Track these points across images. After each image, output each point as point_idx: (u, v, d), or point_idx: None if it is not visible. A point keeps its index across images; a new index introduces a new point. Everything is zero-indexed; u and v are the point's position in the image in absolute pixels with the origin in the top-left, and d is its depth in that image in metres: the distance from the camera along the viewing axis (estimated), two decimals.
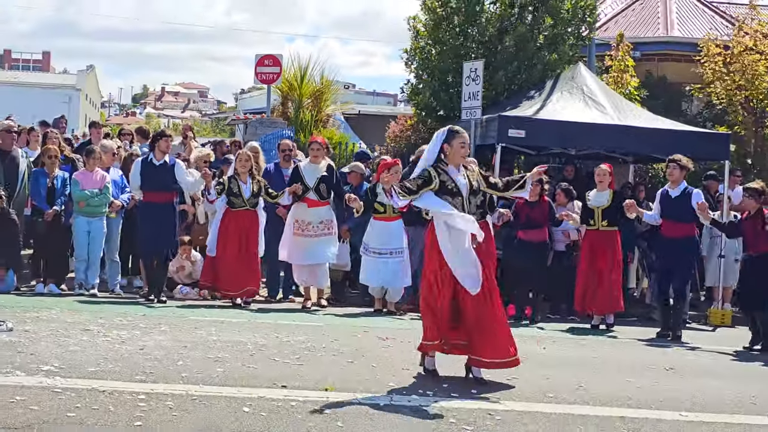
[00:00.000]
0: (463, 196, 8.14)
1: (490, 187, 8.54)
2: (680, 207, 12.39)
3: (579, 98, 16.14)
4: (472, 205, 8.20)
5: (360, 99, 46.92)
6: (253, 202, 12.91)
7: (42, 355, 8.04)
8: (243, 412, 6.52)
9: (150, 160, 12.85)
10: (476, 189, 8.24)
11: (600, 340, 11.93)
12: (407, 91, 19.50)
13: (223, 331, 10.16)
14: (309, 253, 13.03)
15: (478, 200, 8.29)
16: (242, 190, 12.83)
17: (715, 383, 9.08)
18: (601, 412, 7.35)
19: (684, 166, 12.58)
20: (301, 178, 13.06)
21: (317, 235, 13.05)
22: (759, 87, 18.79)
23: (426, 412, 6.95)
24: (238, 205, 12.82)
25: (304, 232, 13.03)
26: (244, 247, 12.81)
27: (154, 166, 12.78)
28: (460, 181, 8.19)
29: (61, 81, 70.76)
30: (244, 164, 12.91)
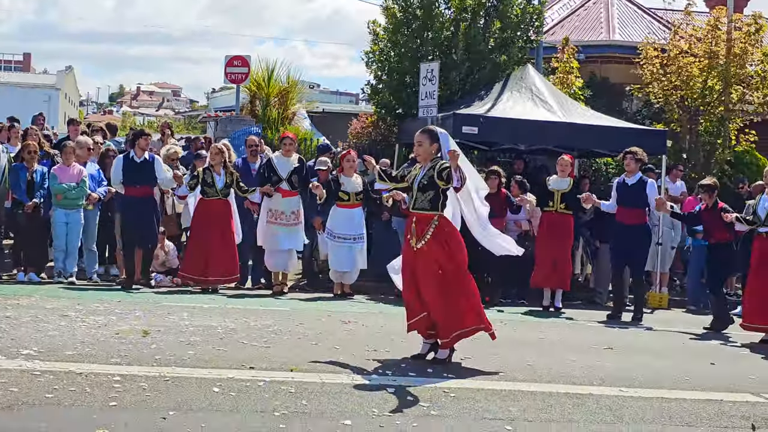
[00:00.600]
0: (413, 190, 8.33)
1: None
2: (636, 195, 12.64)
3: (528, 97, 16.20)
4: (420, 200, 8.31)
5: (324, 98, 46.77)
6: (225, 192, 12.94)
7: (22, 339, 7.94)
8: (213, 392, 6.47)
9: (131, 157, 12.80)
10: (426, 185, 8.26)
11: (548, 322, 12.00)
12: (368, 91, 19.45)
13: (195, 316, 10.09)
14: (283, 240, 13.08)
15: (429, 195, 8.30)
16: (215, 180, 12.86)
17: (652, 361, 9.14)
18: (548, 389, 7.38)
19: (639, 159, 12.81)
20: (274, 170, 13.10)
21: (289, 224, 13.10)
22: (693, 87, 18.90)
23: (385, 390, 6.94)
24: (211, 194, 12.85)
25: (278, 221, 13.09)
26: (219, 234, 12.77)
27: (136, 163, 12.76)
28: (417, 177, 8.34)
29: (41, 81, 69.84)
30: (214, 157, 12.96)
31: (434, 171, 8.20)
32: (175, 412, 5.85)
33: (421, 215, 8.27)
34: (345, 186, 13.14)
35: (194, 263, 12.79)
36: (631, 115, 21.44)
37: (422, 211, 8.27)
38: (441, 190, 8.19)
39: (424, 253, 8.16)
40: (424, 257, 8.16)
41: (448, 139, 8.41)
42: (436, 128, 8.58)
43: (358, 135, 19.77)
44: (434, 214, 8.22)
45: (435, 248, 8.14)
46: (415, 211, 8.34)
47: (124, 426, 5.44)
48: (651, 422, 6.52)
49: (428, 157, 8.31)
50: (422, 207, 8.28)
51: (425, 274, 8.14)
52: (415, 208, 8.35)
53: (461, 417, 6.29)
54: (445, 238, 8.18)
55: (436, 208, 8.24)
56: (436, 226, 8.18)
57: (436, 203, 8.24)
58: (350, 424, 5.86)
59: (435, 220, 8.20)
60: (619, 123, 16.56)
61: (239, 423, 5.69)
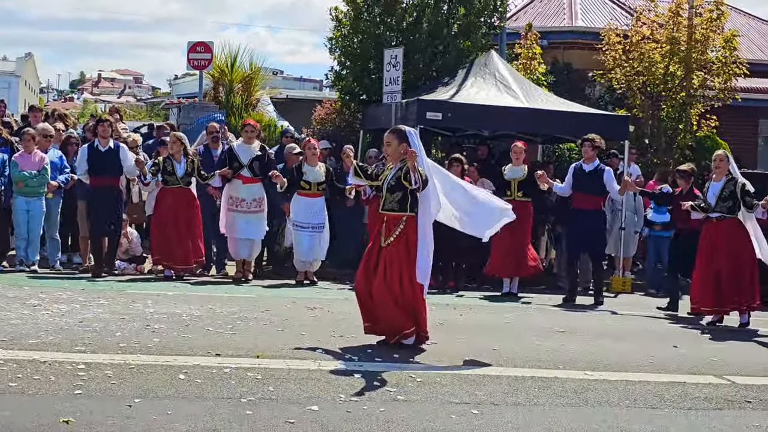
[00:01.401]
0: (382, 191, 8.40)
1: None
2: (592, 181, 12.66)
3: (492, 83, 16.23)
4: (389, 201, 8.33)
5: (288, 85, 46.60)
6: (186, 180, 12.83)
7: None
8: (179, 379, 6.43)
9: (96, 146, 12.67)
10: (393, 186, 8.29)
11: (512, 307, 12.05)
12: (332, 77, 19.39)
13: (160, 303, 10.02)
14: (243, 229, 13.02)
15: (397, 196, 8.31)
16: (176, 168, 12.74)
17: (616, 345, 9.22)
18: (513, 373, 7.42)
19: (597, 146, 12.89)
20: (236, 157, 13.03)
21: (250, 211, 13.02)
22: (655, 73, 19.05)
23: (352, 375, 6.94)
24: (172, 182, 12.75)
25: (238, 208, 13.01)
26: (182, 222, 12.68)
27: (101, 152, 12.67)
28: (387, 177, 8.39)
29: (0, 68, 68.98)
30: (173, 145, 12.88)
31: (401, 172, 8.22)
32: (140, 399, 5.81)
33: (390, 216, 8.30)
34: (307, 175, 13.03)
35: (162, 250, 12.69)
36: (594, 101, 21.55)
37: (391, 211, 8.30)
38: (409, 191, 8.21)
39: (389, 251, 8.19)
40: (389, 255, 8.18)
41: (416, 138, 8.41)
42: (405, 128, 8.56)
43: (322, 121, 19.74)
44: (402, 215, 8.25)
45: (400, 249, 8.17)
46: (384, 212, 8.37)
47: (90, 414, 5.39)
48: (616, 405, 6.57)
49: (397, 157, 8.30)
50: (391, 208, 8.31)
51: (387, 271, 8.16)
52: (385, 208, 8.38)
53: (428, 402, 6.30)
54: (410, 242, 8.20)
55: (404, 209, 8.25)
56: (403, 228, 8.22)
57: (404, 204, 8.26)
58: (317, 409, 5.85)
59: (403, 220, 8.24)
60: (583, 109, 16.66)
61: (206, 410, 5.66)
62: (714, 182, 11.40)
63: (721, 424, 6.19)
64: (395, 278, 8.12)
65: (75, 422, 5.21)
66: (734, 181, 11.20)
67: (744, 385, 7.52)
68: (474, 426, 5.71)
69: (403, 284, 8.13)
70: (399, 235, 8.19)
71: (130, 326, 8.39)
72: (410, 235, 8.20)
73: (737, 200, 11.11)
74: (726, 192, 11.17)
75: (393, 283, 8.11)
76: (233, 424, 5.41)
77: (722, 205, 11.19)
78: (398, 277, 8.13)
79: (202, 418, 5.49)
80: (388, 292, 8.09)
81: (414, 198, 8.25)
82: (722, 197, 11.19)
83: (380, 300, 8.12)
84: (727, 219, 11.19)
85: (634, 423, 6.07)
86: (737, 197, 11.10)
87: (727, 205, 11.17)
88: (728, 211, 11.17)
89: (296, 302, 10.92)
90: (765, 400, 7.07)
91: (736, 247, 11.17)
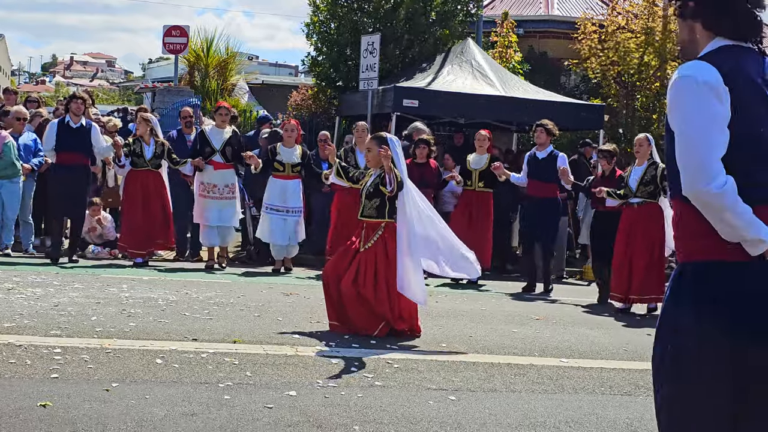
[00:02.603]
0: (361, 197, 8.44)
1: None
2: (546, 168, 12.38)
3: (468, 71, 16.26)
4: (367, 208, 8.36)
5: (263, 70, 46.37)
6: (155, 163, 12.66)
7: None
8: (156, 363, 6.41)
9: (67, 122, 12.48)
10: (371, 192, 8.32)
11: (486, 295, 12.07)
12: (308, 63, 19.35)
13: (135, 288, 9.97)
14: (215, 215, 12.81)
15: (375, 203, 8.33)
16: (144, 151, 12.58)
17: (591, 333, 9.28)
18: (489, 359, 7.45)
19: (550, 131, 12.52)
20: (208, 142, 12.83)
21: (222, 197, 12.85)
22: (630, 63, 19.15)
23: (330, 361, 6.95)
24: (140, 165, 12.58)
25: (210, 194, 12.79)
26: (150, 205, 12.57)
27: (71, 129, 12.41)
28: (366, 184, 8.43)
29: None
30: (139, 127, 12.73)
31: (380, 179, 8.24)
32: (118, 384, 5.79)
33: (369, 222, 8.32)
34: (281, 156, 12.72)
35: (130, 235, 12.59)
36: (569, 90, 21.66)
37: (369, 218, 8.32)
38: (387, 197, 8.21)
39: (366, 253, 8.22)
40: (365, 257, 8.20)
41: (397, 145, 8.40)
42: (387, 134, 8.59)
43: (299, 107, 19.67)
44: (381, 221, 8.28)
45: (378, 251, 8.20)
46: (363, 218, 8.39)
47: (67, 398, 5.37)
48: (592, 392, 6.62)
49: (378, 163, 8.30)
50: (369, 215, 8.34)
51: (360, 272, 8.17)
52: (363, 215, 8.40)
53: (405, 387, 6.32)
54: (388, 246, 8.22)
55: (382, 216, 8.28)
56: (381, 233, 8.24)
57: (382, 210, 8.29)
58: (295, 394, 5.85)
59: (381, 227, 8.26)
60: (558, 98, 16.71)
61: (184, 395, 5.65)
62: (636, 167, 11.28)
63: None
64: (369, 280, 8.11)
65: (52, 406, 5.19)
66: (656, 165, 11.09)
67: None
68: (452, 412, 5.74)
69: (378, 287, 8.13)
70: (377, 240, 8.22)
71: (106, 310, 8.35)
72: (389, 240, 8.22)
73: (658, 185, 11.01)
74: (647, 177, 11.07)
75: (366, 286, 8.10)
76: (211, 408, 5.40)
77: (643, 190, 11.08)
78: (372, 279, 8.12)
79: (180, 402, 5.48)
80: (356, 292, 8.08)
81: (392, 205, 8.26)
82: (643, 182, 11.08)
83: (347, 298, 8.13)
84: (648, 204, 11.10)
85: (609, 409, 6.12)
86: (658, 182, 11.02)
87: (648, 190, 11.06)
88: (649, 195, 11.07)
89: (272, 288, 10.90)
90: None
91: (652, 235, 11.05)
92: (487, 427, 5.46)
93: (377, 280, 8.12)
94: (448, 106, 15.58)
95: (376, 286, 8.11)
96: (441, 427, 5.37)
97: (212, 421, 5.16)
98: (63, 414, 5.07)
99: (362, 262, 8.18)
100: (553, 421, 5.70)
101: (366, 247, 8.23)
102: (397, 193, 8.19)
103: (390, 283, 8.12)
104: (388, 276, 8.13)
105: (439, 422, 5.47)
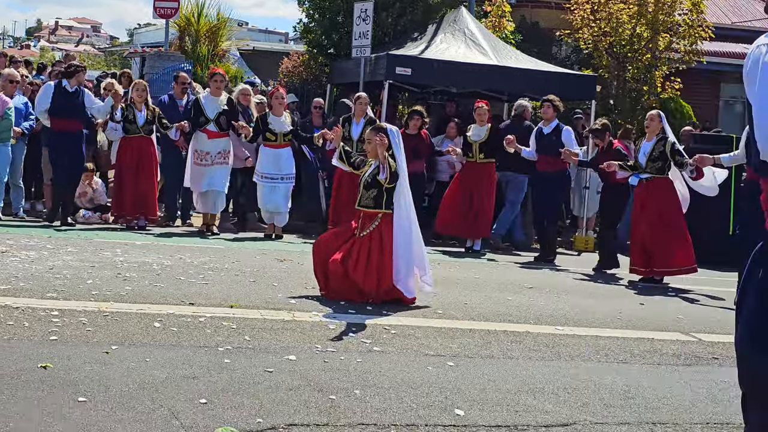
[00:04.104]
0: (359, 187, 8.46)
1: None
2: (552, 142, 12.58)
3: (461, 40, 16.14)
4: (364, 198, 8.36)
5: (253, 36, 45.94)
6: (147, 129, 12.63)
7: None
8: (154, 327, 6.40)
9: (63, 86, 12.36)
10: (369, 183, 8.31)
11: (479, 263, 12.10)
12: (299, 30, 19.22)
13: (129, 252, 9.94)
14: (207, 182, 12.78)
15: (372, 193, 8.32)
16: (137, 117, 12.53)
17: (584, 301, 9.31)
18: (486, 327, 7.47)
19: (556, 106, 12.80)
20: (202, 111, 12.75)
21: (215, 163, 12.80)
22: (622, 34, 19.06)
23: (326, 326, 6.96)
24: (132, 131, 12.55)
25: (203, 162, 12.77)
26: (142, 171, 12.54)
27: (67, 92, 12.33)
28: (364, 174, 8.43)
29: None
30: (141, 93, 12.64)
31: (378, 169, 8.23)
32: (117, 346, 5.78)
33: (366, 212, 8.32)
34: (272, 125, 12.65)
35: (121, 200, 12.57)
36: (560, 61, 21.54)
37: (366, 208, 8.32)
38: (384, 188, 8.19)
39: (361, 239, 8.22)
40: (361, 242, 8.20)
41: (397, 136, 8.36)
42: (387, 126, 8.55)
43: (290, 74, 19.54)
44: (378, 212, 8.27)
45: (373, 238, 8.19)
46: (360, 208, 8.38)
47: (67, 360, 5.35)
48: (587, 359, 6.66)
49: (377, 153, 8.27)
50: (366, 205, 8.34)
51: (352, 253, 8.16)
52: (360, 205, 8.39)
53: (404, 353, 6.33)
54: (384, 235, 8.20)
55: (380, 206, 8.27)
56: (378, 224, 8.23)
57: (380, 201, 8.28)
58: (295, 359, 5.85)
59: (378, 217, 8.26)
60: (551, 67, 16.65)
61: (184, 358, 5.64)
62: (646, 142, 11.42)
63: (691, 379, 6.29)
64: (360, 266, 8.07)
65: (53, 367, 5.18)
66: (665, 140, 11.18)
67: (710, 342, 7.65)
68: (451, 377, 5.76)
69: (368, 272, 8.09)
70: (374, 230, 8.21)
71: (101, 274, 8.32)
72: (385, 230, 8.21)
73: (667, 160, 11.11)
74: (656, 152, 11.16)
75: (356, 270, 8.05)
76: (212, 372, 5.40)
77: (652, 166, 11.18)
78: (364, 265, 8.08)
79: (180, 365, 5.47)
80: (343, 271, 8.05)
81: (389, 196, 8.24)
82: (652, 157, 11.18)
83: (334, 275, 8.12)
84: (657, 179, 11.20)
85: (606, 376, 6.15)
86: (667, 157, 11.11)
87: (656, 166, 11.16)
88: (657, 171, 11.17)
89: (265, 254, 10.89)
90: (731, 357, 7.14)
91: (666, 209, 11.18)
92: (487, 393, 5.47)
93: (369, 266, 8.10)
94: (440, 74, 15.47)
95: (366, 271, 8.09)
96: (441, 392, 5.38)
97: (214, 384, 5.16)
98: (64, 375, 5.06)
99: (356, 246, 8.16)
100: (551, 387, 5.72)
101: (362, 235, 8.22)
102: (394, 185, 8.17)
103: (382, 268, 8.11)
104: (381, 263, 8.11)
105: (438, 387, 5.48)
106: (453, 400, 5.25)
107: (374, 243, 8.16)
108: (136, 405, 4.67)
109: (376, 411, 4.93)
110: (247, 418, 4.60)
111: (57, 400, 4.64)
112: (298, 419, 4.68)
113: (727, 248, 12.44)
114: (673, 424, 5.17)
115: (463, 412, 5.02)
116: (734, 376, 6.36)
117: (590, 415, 5.20)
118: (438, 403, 5.17)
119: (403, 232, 8.23)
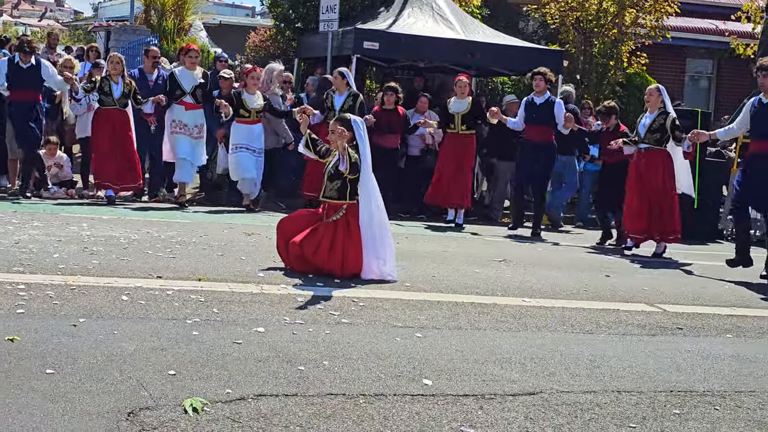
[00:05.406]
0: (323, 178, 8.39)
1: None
2: (544, 113, 12.78)
3: (429, 14, 16.15)
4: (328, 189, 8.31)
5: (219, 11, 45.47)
6: (123, 102, 12.69)
7: None
8: (122, 300, 6.37)
9: (17, 62, 12.43)
10: (333, 174, 8.28)
11: (449, 236, 12.16)
12: (267, 3, 19.09)
13: (95, 226, 9.88)
14: (188, 150, 12.90)
15: (336, 184, 8.28)
16: (113, 89, 12.60)
17: (551, 274, 9.37)
18: (453, 299, 7.51)
19: (548, 79, 13.06)
20: (178, 84, 12.89)
21: (192, 137, 12.94)
22: (589, 9, 19.15)
23: (295, 299, 6.96)
24: (108, 103, 12.62)
25: (182, 131, 12.89)
26: (118, 143, 12.57)
27: (22, 69, 12.47)
28: (329, 165, 8.39)
29: None
30: (116, 66, 12.69)
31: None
32: (85, 319, 5.75)
33: (331, 203, 8.30)
34: (247, 102, 12.89)
35: (103, 169, 12.58)
36: (527, 36, 21.60)
37: (330, 199, 8.30)
38: (347, 179, 8.17)
39: (328, 224, 8.19)
40: (327, 227, 8.17)
41: (362, 128, 8.34)
42: (351, 116, 8.50)
43: (257, 48, 19.44)
44: (342, 203, 8.24)
45: (339, 226, 8.16)
46: (324, 199, 8.37)
47: (35, 332, 5.32)
48: (554, 330, 6.72)
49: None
50: (330, 196, 8.30)
51: (314, 235, 8.12)
52: (325, 196, 8.37)
53: (372, 325, 6.35)
54: (351, 224, 8.18)
55: (344, 197, 8.24)
56: (343, 214, 8.21)
57: (343, 192, 8.24)
58: (263, 331, 5.85)
59: (343, 208, 8.23)
60: (519, 42, 16.69)
61: (152, 330, 5.62)
62: (648, 114, 11.74)
63: (655, 348, 6.37)
64: (323, 250, 8.02)
65: (20, 340, 5.14)
66: (666, 114, 11.53)
67: (674, 313, 7.75)
68: (419, 348, 5.79)
69: (332, 253, 8.04)
70: (340, 219, 8.19)
71: (68, 248, 8.26)
72: (351, 220, 8.19)
73: (666, 133, 11.46)
74: (656, 125, 11.53)
75: (318, 255, 7.99)
76: (180, 344, 5.39)
77: (650, 137, 11.56)
78: (327, 249, 8.04)
79: (148, 337, 5.45)
80: (301, 254, 8.01)
81: (353, 187, 8.22)
82: (651, 129, 11.56)
83: (293, 256, 8.10)
84: (655, 150, 11.53)
85: (572, 346, 6.21)
86: (666, 130, 11.44)
87: (655, 137, 11.55)
88: (656, 142, 11.53)
89: (233, 228, 10.87)
90: (695, 327, 7.30)
91: (662, 179, 11.53)
92: (455, 363, 5.51)
93: (333, 249, 8.06)
94: (408, 49, 15.49)
95: (330, 253, 8.05)
96: (409, 363, 5.41)
97: (182, 355, 5.15)
98: (32, 348, 5.03)
99: (320, 230, 8.13)
100: (518, 357, 5.77)
101: (328, 221, 8.22)
102: (357, 176, 8.16)
103: (346, 252, 8.07)
104: (345, 247, 8.08)
105: (407, 358, 5.51)
106: (421, 370, 5.28)
107: (340, 228, 8.14)
108: (105, 376, 4.65)
109: (344, 381, 4.95)
110: (216, 389, 4.60)
111: (25, 372, 4.61)
112: (267, 390, 4.69)
113: (692, 222, 12.73)
114: (638, 393, 5.24)
115: (431, 382, 5.06)
116: (698, 346, 6.50)
117: (556, 384, 5.26)
118: (406, 373, 5.20)
119: (371, 226, 8.19)
